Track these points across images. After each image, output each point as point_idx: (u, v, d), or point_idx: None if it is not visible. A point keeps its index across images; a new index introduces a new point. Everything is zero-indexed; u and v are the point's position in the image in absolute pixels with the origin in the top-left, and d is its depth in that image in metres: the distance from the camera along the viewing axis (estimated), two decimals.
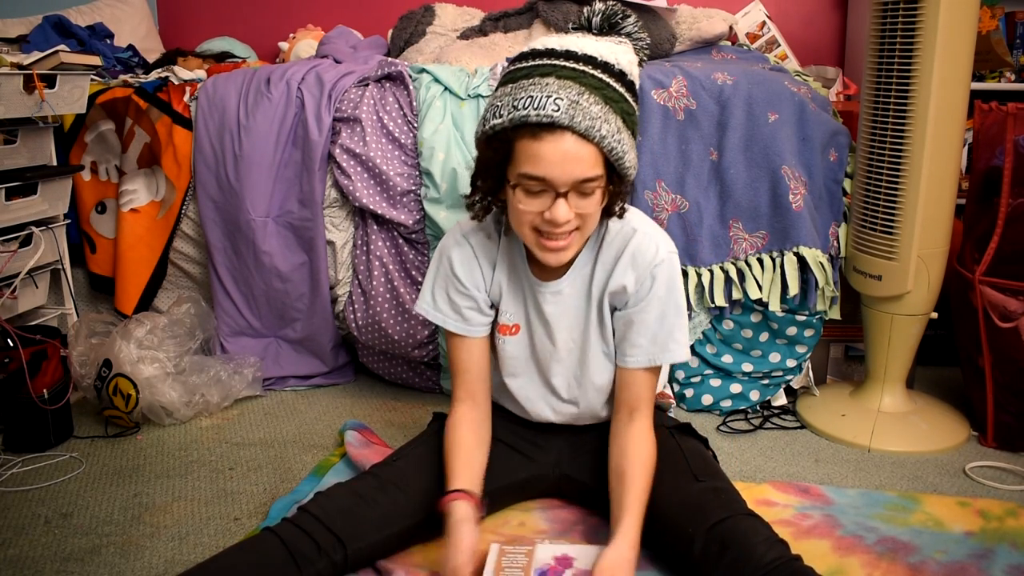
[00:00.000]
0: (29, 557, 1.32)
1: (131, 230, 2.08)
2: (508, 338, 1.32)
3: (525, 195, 1.12)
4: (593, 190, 1.11)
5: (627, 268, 1.22)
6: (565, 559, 1.14)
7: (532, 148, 1.08)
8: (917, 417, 1.78)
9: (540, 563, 1.12)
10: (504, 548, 1.15)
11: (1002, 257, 1.69)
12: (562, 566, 1.12)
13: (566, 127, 1.06)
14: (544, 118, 1.05)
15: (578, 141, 1.07)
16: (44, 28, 2.39)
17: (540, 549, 1.15)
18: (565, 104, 1.05)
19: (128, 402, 1.76)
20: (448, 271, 1.30)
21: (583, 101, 1.07)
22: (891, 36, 1.61)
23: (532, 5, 2.37)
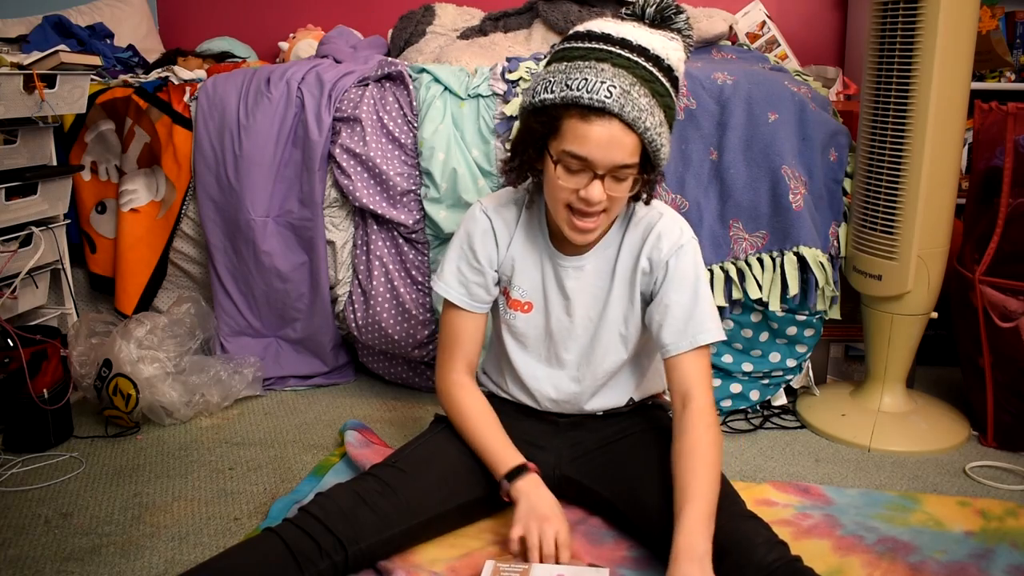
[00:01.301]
0: (29, 557, 1.32)
1: (131, 230, 2.08)
2: (519, 314, 1.33)
3: (565, 172, 1.16)
4: (627, 176, 1.16)
5: (654, 247, 1.26)
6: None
7: (580, 129, 1.12)
8: (917, 417, 1.78)
9: None
10: (499, 566, 1.15)
11: (1002, 257, 1.69)
12: None
13: (615, 114, 1.11)
14: (596, 102, 1.10)
15: (624, 129, 1.12)
16: (44, 28, 2.39)
17: (536, 569, 1.14)
18: (618, 92, 1.10)
19: (128, 402, 1.76)
20: (465, 243, 1.34)
21: (634, 92, 1.11)
22: (891, 36, 1.61)
23: (532, 5, 2.37)
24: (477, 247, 1.32)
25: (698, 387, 1.22)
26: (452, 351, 1.37)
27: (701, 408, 1.20)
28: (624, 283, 1.29)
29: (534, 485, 1.23)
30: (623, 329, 1.30)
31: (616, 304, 1.29)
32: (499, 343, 1.40)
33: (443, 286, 1.34)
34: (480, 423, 1.31)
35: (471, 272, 1.32)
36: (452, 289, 1.34)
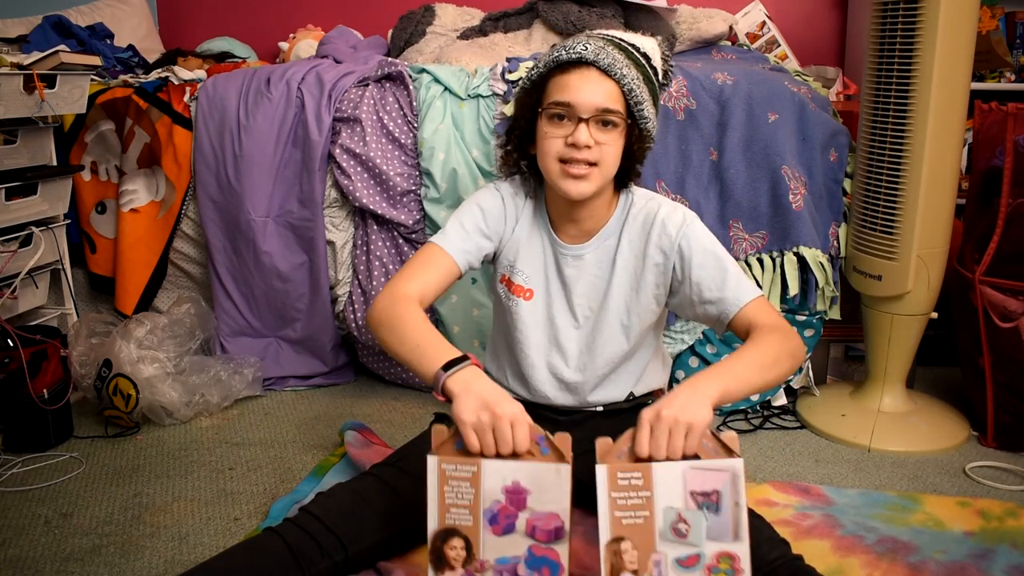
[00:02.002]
0: (29, 557, 1.32)
1: (131, 230, 2.08)
2: (522, 301, 1.33)
3: (550, 124, 1.22)
4: (614, 124, 1.20)
5: (661, 235, 1.27)
6: (517, 490, 0.99)
7: (561, 81, 1.21)
8: (917, 417, 1.78)
9: (490, 500, 0.98)
10: (444, 466, 0.99)
11: (1002, 257, 1.69)
12: (515, 506, 0.98)
13: (591, 62, 1.19)
14: (573, 55, 1.19)
15: (601, 75, 1.19)
16: (44, 28, 2.39)
17: (487, 474, 0.98)
18: (593, 47, 1.20)
19: (128, 402, 1.76)
20: (476, 207, 1.33)
21: (609, 48, 1.21)
22: (891, 36, 1.62)
23: (532, 5, 2.37)
24: (488, 215, 1.32)
25: (758, 321, 1.18)
26: (410, 276, 1.25)
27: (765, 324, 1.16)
28: (627, 273, 1.29)
29: (475, 375, 1.05)
30: (625, 319, 1.30)
31: (617, 294, 1.29)
32: (500, 336, 1.40)
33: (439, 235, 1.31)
34: (417, 325, 1.15)
35: (473, 230, 1.31)
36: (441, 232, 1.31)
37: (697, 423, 0.97)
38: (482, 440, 0.98)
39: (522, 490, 0.98)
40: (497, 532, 0.98)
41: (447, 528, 0.98)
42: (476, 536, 0.98)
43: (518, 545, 0.98)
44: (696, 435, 0.97)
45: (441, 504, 0.98)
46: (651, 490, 0.96)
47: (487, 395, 1.00)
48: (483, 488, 0.98)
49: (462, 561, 0.98)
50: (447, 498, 0.98)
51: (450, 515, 0.98)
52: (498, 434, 0.98)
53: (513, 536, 0.98)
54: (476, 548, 0.98)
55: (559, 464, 0.98)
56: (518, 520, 0.98)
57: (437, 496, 0.98)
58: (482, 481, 0.98)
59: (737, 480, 0.96)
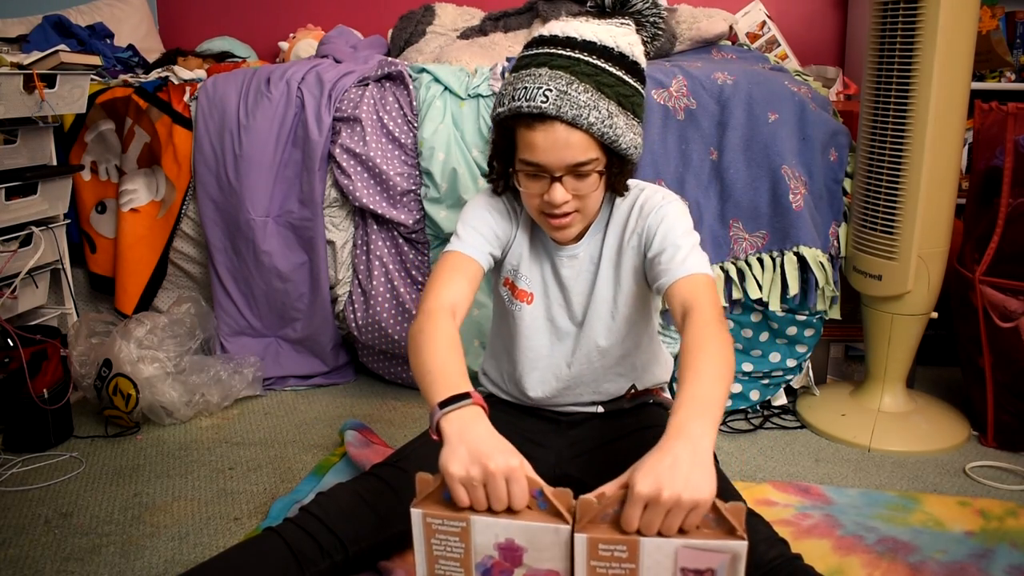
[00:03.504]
0: (29, 557, 1.32)
1: (131, 230, 2.08)
2: (524, 306, 1.33)
3: (526, 179, 1.18)
4: (589, 172, 1.15)
5: (638, 218, 1.25)
6: (511, 547, 0.89)
7: (528, 137, 1.14)
8: (917, 417, 1.78)
9: (481, 555, 0.89)
10: (430, 521, 0.90)
11: (1002, 257, 1.69)
12: (510, 562, 0.89)
13: (554, 117, 1.11)
14: (534, 109, 1.11)
15: (568, 129, 1.12)
16: (44, 28, 2.39)
17: (477, 529, 0.89)
18: (553, 95, 1.11)
19: (128, 402, 1.76)
20: (485, 210, 1.29)
21: (571, 91, 1.11)
22: (891, 36, 1.61)
23: (532, 5, 2.37)
24: (494, 214, 1.30)
25: (699, 301, 1.10)
26: (439, 287, 1.19)
27: (702, 317, 1.07)
28: (609, 264, 1.29)
29: (473, 417, 0.95)
30: (612, 307, 1.30)
31: (603, 285, 1.29)
32: (500, 339, 1.40)
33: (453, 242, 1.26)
34: (437, 350, 1.08)
35: (486, 229, 1.28)
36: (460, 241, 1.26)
37: (703, 501, 0.83)
38: (472, 497, 0.88)
39: (517, 547, 0.89)
40: None
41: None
42: None
43: None
44: (699, 514, 0.84)
45: (429, 557, 0.90)
46: (636, 563, 0.85)
47: (481, 445, 0.89)
48: (474, 543, 0.89)
49: None
50: (435, 551, 0.90)
51: (439, 567, 0.90)
52: (490, 491, 0.87)
53: None
54: None
55: (558, 525, 0.86)
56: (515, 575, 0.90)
57: (424, 549, 0.90)
58: (472, 536, 0.89)
59: (737, 563, 0.84)
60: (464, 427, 0.93)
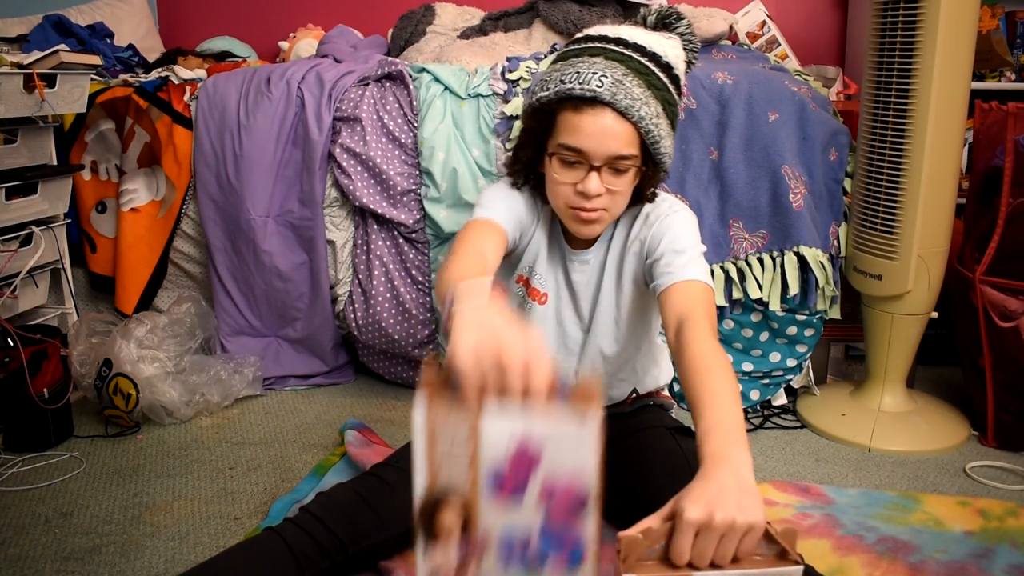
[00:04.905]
0: (29, 557, 1.32)
1: (131, 229, 2.08)
2: (536, 305, 1.32)
3: (561, 165, 1.16)
4: (627, 168, 1.14)
5: (643, 225, 1.24)
6: (526, 449, 0.72)
7: (573, 120, 1.12)
8: (917, 417, 1.78)
9: (492, 457, 0.72)
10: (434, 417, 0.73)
11: (1002, 257, 1.69)
12: (526, 465, 0.73)
13: (607, 103, 1.10)
14: (587, 92, 1.10)
15: (617, 118, 1.11)
16: (44, 28, 2.39)
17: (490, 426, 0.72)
18: (609, 81, 1.09)
19: (128, 401, 1.76)
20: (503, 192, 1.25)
21: (627, 82, 1.11)
22: (891, 36, 1.61)
23: (532, 5, 2.37)
24: (519, 204, 1.26)
25: (693, 312, 1.07)
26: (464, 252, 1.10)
27: (702, 330, 1.04)
28: (613, 270, 1.29)
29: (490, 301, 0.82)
30: (616, 314, 1.30)
31: (607, 291, 1.29)
32: None
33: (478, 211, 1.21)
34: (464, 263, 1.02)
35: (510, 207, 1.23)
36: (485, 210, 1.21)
37: (758, 523, 0.77)
38: (485, 378, 0.73)
39: (534, 447, 0.72)
40: (503, 496, 0.73)
41: (440, 490, 0.74)
42: (475, 501, 0.74)
43: (529, 514, 0.73)
44: (754, 538, 0.78)
45: (431, 458, 0.73)
46: None
47: (496, 325, 0.76)
48: (484, 441, 0.72)
49: (458, 531, 0.75)
50: (439, 449, 0.73)
51: (443, 473, 0.73)
52: (507, 371, 0.73)
53: (522, 503, 0.73)
54: (476, 516, 0.74)
55: (584, 413, 0.71)
56: (529, 484, 0.73)
57: (425, 448, 0.73)
58: (483, 432, 0.72)
59: None
60: (479, 309, 0.80)
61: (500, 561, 0.74)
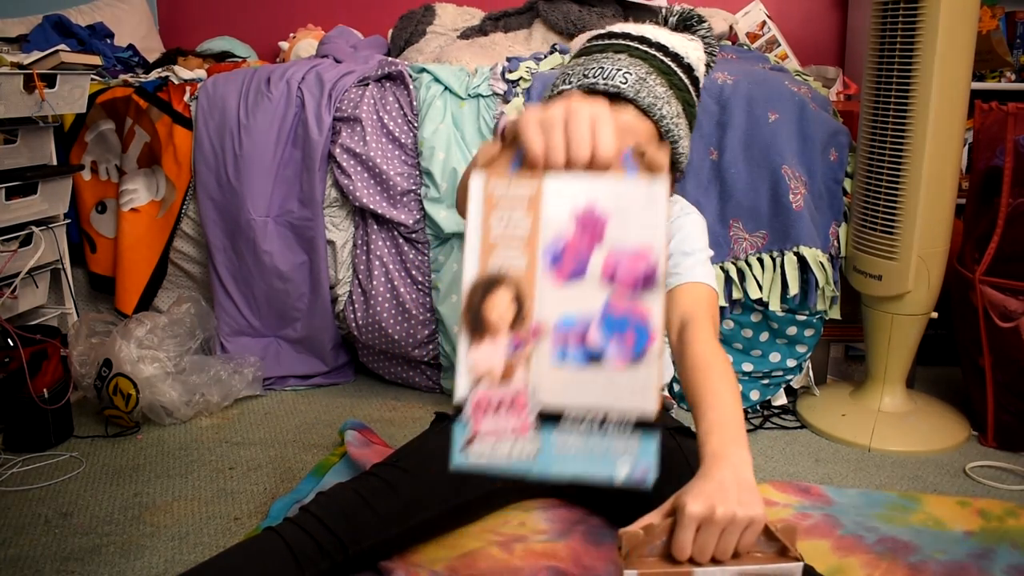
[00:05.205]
0: (29, 557, 1.32)
1: (131, 230, 2.08)
2: None
3: None
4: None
5: None
6: (591, 216, 0.67)
7: None
8: (917, 417, 1.78)
9: (553, 232, 0.67)
10: (492, 188, 0.68)
11: (1002, 257, 1.69)
12: (588, 238, 0.67)
13: (630, 99, 1.09)
14: (611, 87, 1.09)
15: (639, 115, 1.10)
16: (44, 28, 2.39)
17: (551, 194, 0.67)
18: (633, 79, 1.09)
19: (128, 402, 1.76)
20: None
21: (650, 80, 1.10)
22: (891, 36, 1.61)
23: (532, 5, 2.37)
24: None
25: (699, 315, 1.08)
26: None
27: (705, 332, 1.04)
28: None
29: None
30: None
31: None
32: None
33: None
34: None
35: None
36: None
37: (758, 517, 0.79)
38: (549, 140, 0.68)
39: (600, 216, 0.67)
40: (561, 278, 0.67)
41: (490, 277, 0.67)
42: (531, 285, 0.67)
43: (590, 297, 0.67)
44: (755, 532, 0.79)
45: (484, 241, 0.68)
46: None
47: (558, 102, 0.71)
48: (544, 215, 0.67)
49: (508, 323, 0.67)
50: (493, 230, 0.67)
51: (495, 257, 0.67)
52: (572, 133, 0.68)
53: (583, 284, 0.67)
54: (530, 302, 0.67)
55: (653, 178, 0.67)
56: (592, 260, 0.67)
57: (480, 229, 0.68)
58: (544, 205, 0.67)
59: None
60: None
61: (555, 356, 0.67)
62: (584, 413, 0.66)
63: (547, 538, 1.33)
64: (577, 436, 0.67)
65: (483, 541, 1.31)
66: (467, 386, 0.67)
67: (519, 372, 0.67)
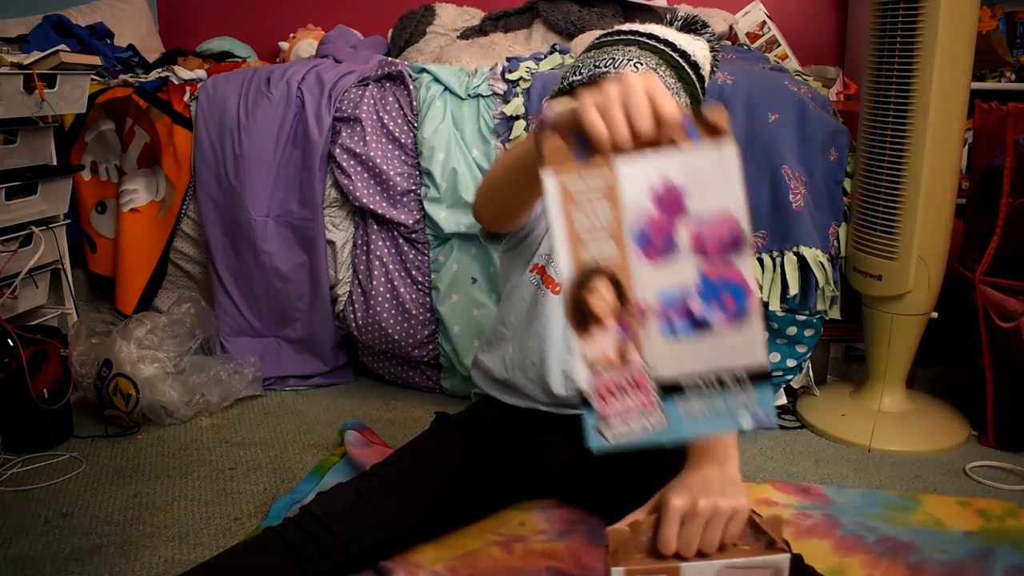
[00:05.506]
0: (29, 557, 1.32)
1: (131, 230, 2.08)
2: (550, 293, 1.31)
3: None
4: None
5: None
6: (670, 190, 0.68)
7: None
8: (917, 417, 1.78)
9: (635, 214, 0.68)
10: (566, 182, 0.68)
11: (1002, 257, 1.69)
12: (670, 214, 0.69)
13: None
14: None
15: None
16: (44, 28, 2.39)
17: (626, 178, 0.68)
18: (644, 69, 1.10)
19: (128, 402, 1.76)
20: None
21: (660, 71, 1.12)
22: (891, 36, 1.61)
23: (532, 5, 2.37)
24: None
25: None
26: None
27: None
28: None
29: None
30: None
31: None
32: (512, 329, 1.37)
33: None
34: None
35: None
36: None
37: (742, 506, 0.79)
38: (610, 121, 0.67)
39: (677, 190, 0.68)
40: (653, 257, 0.69)
41: (585, 269, 0.70)
42: (626, 270, 0.69)
43: (684, 270, 0.69)
44: (740, 522, 0.80)
45: (571, 237, 0.69)
46: None
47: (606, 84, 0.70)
48: (624, 200, 0.68)
49: (612, 309, 0.70)
50: (578, 225, 0.69)
51: (586, 250, 0.69)
52: (632, 109, 0.67)
53: (675, 258, 0.69)
54: (628, 287, 0.70)
55: (720, 142, 0.67)
56: (678, 233, 0.68)
57: (564, 227, 0.69)
58: (621, 190, 0.68)
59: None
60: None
61: (663, 331, 0.70)
62: (701, 378, 0.69)
63: (547, 538, 1.33)
64: (699, 399, 0.70)
65: (483, 541, 1.31)
66: (587, 376, 0.70)
67: (633, 353, 0.70)
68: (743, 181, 0.67)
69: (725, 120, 0.67)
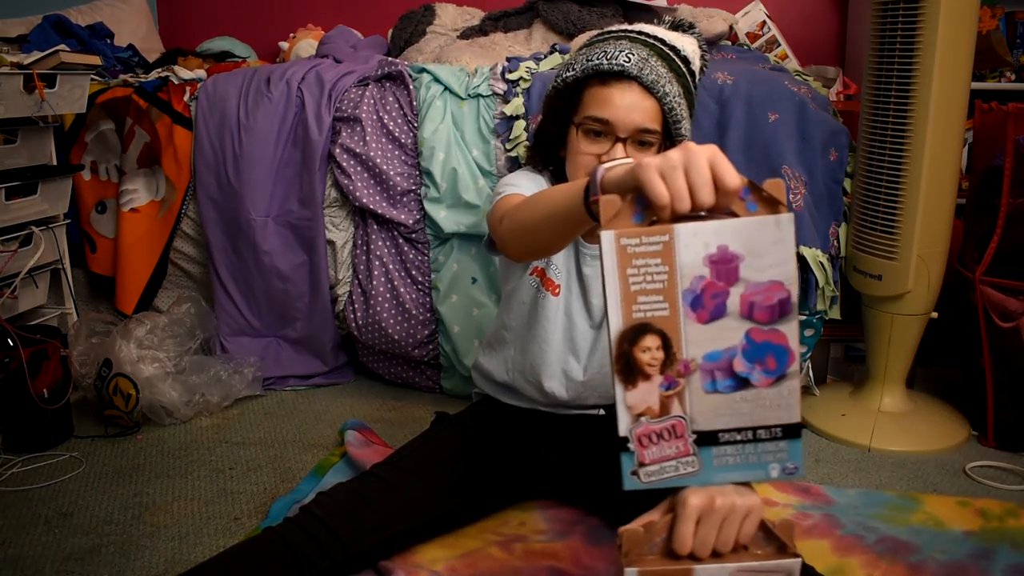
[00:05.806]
0: (29, 557, 1.32)
1: (131, 230, 2.08)
2: (550, 296, 1.32)
3: (586, 138, 1.19)
4: (651, 143, 1.19)
5: None
6: (725, 257, 0.71)
7: (600, 93, 1.17)
8: (917, 417, 1.78)
9: (690, 277, 0.72)
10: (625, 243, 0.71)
11: (1002, 257, 1.69)
12: (724, 280, 0.72)
13: (634, 77, 1.15)
14: (615, 66, 1.15)
15: (643, 92, 1.16)
16: (44, 28, 2.39)
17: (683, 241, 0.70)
18: (636, 59, 1.16)
19: (128, 402, 1.76)
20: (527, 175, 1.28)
21: (652, 61, 1.17)
22: (891, 36, 1.61)
23: (532, 5, 2.37)
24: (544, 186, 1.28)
25: None
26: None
27: None
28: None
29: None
30: None
31: None
32: (512, 332, 1.38)
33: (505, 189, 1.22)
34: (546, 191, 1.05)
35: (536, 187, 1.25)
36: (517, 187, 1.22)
37: (756, 505, 0.80)
38: (672, 187, 0.69)
39: (732, 256, 0.71)
40: (703, 319, 0.73)
41: (636, 324, 0.73)
42: (675, 329, 0.73)
43: (732, 332, 0.73)
44: (754, 522, 0.80)
45: (625, 294, 0.72)
46: None
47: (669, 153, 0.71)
48: (680, 262, 0.71)
49: (660, 365, 0.74)
50: (632, 284, 0.72)
51: (638, 307, 0.72)
52: (693, 177, 0.69)
53: (724, 322, 0.73)
54: (677, 345, 0.73)
55: (779, 215, 0.70)
56: (730, 298, 0.72)
57: (618, 284, 0.72)
58: (677, 253, 0.71)
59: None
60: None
61: (705, 387, 0.74)
62: (738, 431, 0.75)
63: (547, 538, 1.33)
64: (733, 449, 0.75)
65: (483, 541, 1.31)
66: (628, 423, 0.76)
67: (675, 405, 0.75)
68: (795, 250, 0.70)
69: (783, 192, 0.71)
